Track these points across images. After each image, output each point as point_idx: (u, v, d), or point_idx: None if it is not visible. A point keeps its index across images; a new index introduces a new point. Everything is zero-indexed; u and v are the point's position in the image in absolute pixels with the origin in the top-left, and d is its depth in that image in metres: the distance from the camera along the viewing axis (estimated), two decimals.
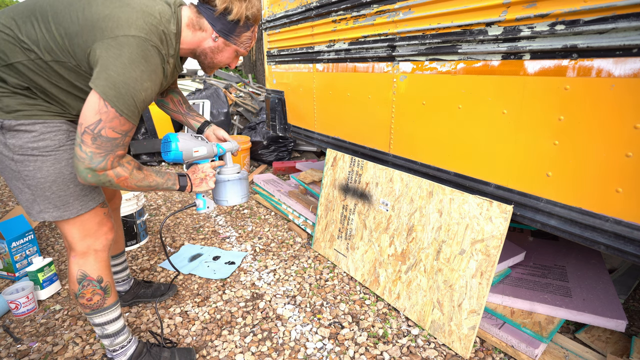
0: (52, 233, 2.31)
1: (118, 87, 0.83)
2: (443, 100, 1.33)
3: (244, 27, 1.01)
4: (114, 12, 0.84)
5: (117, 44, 0.82)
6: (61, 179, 0.96)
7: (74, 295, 1.08)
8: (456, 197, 1.33)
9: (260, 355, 1.33)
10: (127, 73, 0.83)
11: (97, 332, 1.14)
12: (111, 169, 0.89)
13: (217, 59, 1.07)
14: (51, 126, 0.93)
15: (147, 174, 0.99)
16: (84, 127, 0.84)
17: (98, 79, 0.83)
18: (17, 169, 0.92)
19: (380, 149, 1.72)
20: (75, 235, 1.04)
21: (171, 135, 1.09)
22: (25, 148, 0.90)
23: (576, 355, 1.24)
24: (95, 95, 0.83)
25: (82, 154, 0.85)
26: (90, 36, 0.84)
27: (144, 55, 0.86)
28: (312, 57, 2.07)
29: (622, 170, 0.90)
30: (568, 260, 1.65)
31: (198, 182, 1.13)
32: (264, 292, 1.70)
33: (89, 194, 1.03)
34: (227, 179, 1.19)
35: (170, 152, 1.08)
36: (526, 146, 1.10)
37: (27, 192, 0.95)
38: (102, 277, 1.10)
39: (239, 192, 1.21)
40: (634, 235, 0.90)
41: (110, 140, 0.86)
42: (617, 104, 0.88)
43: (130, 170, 0.94)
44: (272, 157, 3.78)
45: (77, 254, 1.05)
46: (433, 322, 1.40)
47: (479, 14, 1.12)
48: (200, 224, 2.45)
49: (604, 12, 0.86)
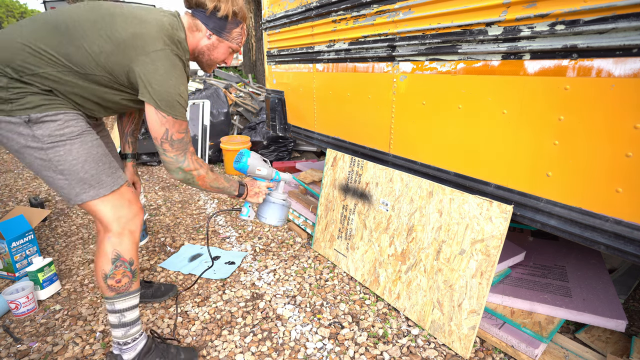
0: (52, 233, 2.31)
1: (165, 98, 1.00)
2: (443, 100, 1.33)
3: (233, 23, 1.14)
4: (138, 30, 0.99)
5: (150, 60, 0.98)
6: (91, 158, 1.03)
7: (103, 276, 1.08)
8: (456, 197, 1.33)
9: (260, 355, 1.33)
10: (165, 83, 1.00)
11: (112, 321, 1.12)
12: (194, 170, 1.11)
13: (213, 55, 1.18)
14: (72, 115, 1.02)
15: (217, 177, 1.20)
16: (160, 139, 1.04)
17: (147, 94, 1.00)
18: (48, 157, 0.98)
19: (380, 149, 1.72)
20: (110, 214, 1.07)
21: (246, 151, 1.34)
22: (53, 135, 0.97)
23: (576, 355, 1.24)
24: (151, 108, 1.01)
25: (169, 159, 1.07)
26: (126, 55, 0.99)
27: (172, 64, 1.02)
28: (312, 57, 2.07)
29: (622, 170, 0.90)
30: (568, 260, 1.65)
31: (252, 194, 1.35)
32: (264, 292, 1.70)
33: (117, 171, 1.10)
34: (273, 201, 1.40)
35: (240, 163, 1.32)
36: (526, 146, 1.10)
37: (61, 178, 1.00)
38: (133, 260, 1.12)
39: (278, 215, 1.40)
40: (634, 235, 0.90)
41: (181, 141, 1.07)
42: (617, 104, 0.88)
43: (206, 171, 1.15)
44: (272, 157, 3.79)
45: (113, 234, 1.08)
46: (433, 322, 1.40)
47: (479, 14, 1.12)
48: (200, 224, 2.46)
49: (604, 12, 0.86)
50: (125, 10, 1.02)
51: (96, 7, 1.02)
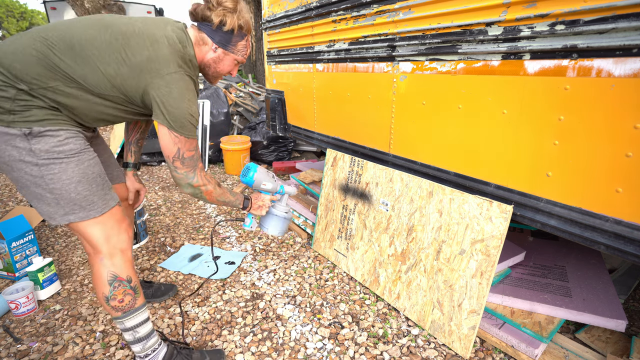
0: (52, 233, 2.31)
1: (178, 119, 1.03)
2: (443, 100, 1.33)
3: (239, 36, 1.14)
4: (152, 53, 1.00)
5: (165, 82, 1.01)
6: (85, 179, 1.01)
7: (105, 299, 1.06)
8: (456, 197, 1.33)
9: (260, 355, 1.33)
10: (179, 105, 1.03)
11: (127, 338, 1.11)
12: (202, 185, 1.14)
13: (219, 68, 1.19)
14: (73, 132, 1.01)
15: (224, 191, 1.24)
16: (172, 158, 1.07)
17: (161, 116, 1.02)
18: (41, 174, 0.95)
19: (380, 149, 1.72)
20: (100, 236, 1.05)
21: (252, 166, 1.38)
22: (51, 152, 0.95)
23: (576, 355, 1.24)
24: (164, 128, 1.04)
25: (179, 175, 1.10)
26: (141, 79, 1.01)
27: (185, 86, 1.05)
28: (312, 57, 2.07)
29: (622, 170, 0.90)
30: (568, 260, 1.65)
31: (256, 207, 1.39)
32: (264, 292, 1.70)
33: (109, 192, 1.08)
34: (275, 214, 1.44)
35: (246, 177, 1.37)
36: (526, 146, 1.10)
37: (49, 196, 0.97)
38: (131, 277, 1.10)
39: (279, 227, 1.45)
40: (634, 235, 0.90)
41: (191, 158, 1.10)
42: (617, 104, 0.88)
43: (213, 186, 1.18)
44: (272, 157, 3.78)
45: (104, 255, 1.06)
46: (433, 322, 1.40)
47: (479, 14, 1.12)
48: (200, 224, 2.46)
49: (604, 12, 0.86)
50: (137, 29, 1.02)
51: (108, 25, 1.01)
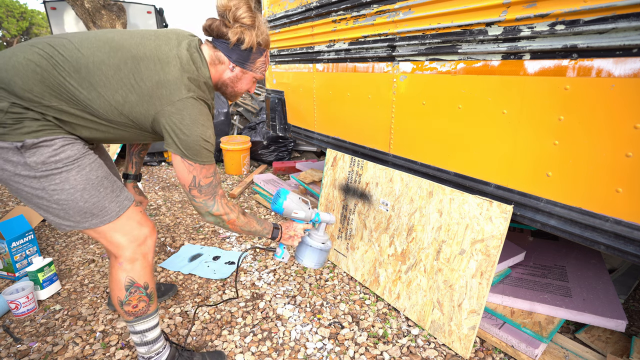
0: (52, 233, 2.31)
1: (191, 147, 0.97)
2: (443, 100, 1.33)
3: (257, 53, 1.08)
4: (162, 78, 0.94)
5: (176, 109, 0.95)
6: (90, 185, 0.95)
7: (119, 303, 1.04)
8: (456, 197, 1.33)
9: (260, 355, 1.32)
10: (193, 132, 0.97)
11: (135, 340, 1.11)
12: (224, 214, 1.09)
13: (237, 87, 1.14)
14: (69, 139, 0.94)
15: (249, 220, 1.19)
16: (188, 187, 1.03)
17: (173, 145, 0.97)
18: (42, 186, 0.90)
19: (380, 149, 1.72)
20: (120, 240, 1.01)
21: (283, 192, 1.29)
22: (47, 163, 0.89)
23: (576, 355, 1.24)
24: (177, 157, 0.99)
25: (198, 204, 1.05)
26: (150, 106, 0.95)
27: (199, 111, 0.98)
28: (312, 57, 2.07)
29: (622, 170, 0.90)
30: (568, 260, 1.65)
31: (287, 237, 1.33)
32: (264, 292, 1.70)
33: (121, 193, 1.02)
34: (310, 245, 1.34)
35: (276, 205, 1.29)
36: (526, 146, 1.10)
37: (56, 207, 0.93)
38: (148, 284, 1.07)
39: (315, 259, 1.35)
40: (634, 235, 0.90)
41: (209, 185, 1.05)
42: (617, 104, 0.88)
43: (237, 215, 1.13)
44: (272, 157, 3.79)
45: (125, 260, 1.02)
46: (433, 322, 1.40)
47: (479, 14, 1.12)
48: (200, 224, 2.46)
49: (604, 12, 0.86)
50: (147, 51, 0.95)
51: (118, 47, 0.94)
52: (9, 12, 23.05)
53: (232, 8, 0.99)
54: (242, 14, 1.00)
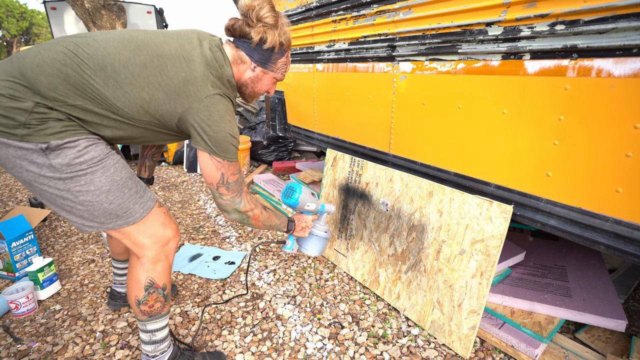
0: (52, 233, 2.31)
1: (219, 143, 0.98)
2: (443, 100, 1.33)
3: (279, 53, 1.09)
4: (189, 75, 0.94)
5: (204, 106, 0.95)
6: (115, 187, 0.95)
7: (136, 302, 1.05)
8: (456, 197, 1.33)
9: (260, 355, 1.33)
10: (220, 129, 0.97)
11: (144, 339, 1.11)
12: (250, 210, 1.11)
13: (257, 87, 1.14)
14: (92, 139, 0.94)
15: (270, 215, 1.22)
16: (216, 184, 1.03)
17: (202, 142, 0.97)
18: (67, 187, 0.90)
19: (380, 149, 1.72)
20: (144, 241, 1.01)
21: (296, 186, 1.31)
22: (72, 165, 0.89)
23: (576, 355, 1.24)
24: (205, 154, 0.99)
25: (225, 202, 1.06)
26: (177, 103, 0.95)
27: (225, 108, 0.99)
28: (312, 57, 2.07)
29: (622, 170, 0.90)
30: (568, 260, 1.65)
31: (299, 229, 1.38)
32: (264, 292, 1.70)
33: (145, 193, 1.02)
34: (316, 234, 1.42)
35: (291, 199, 1.31)
36: (526, 146, 1.10)
37: (80, 208, 0.93)
38: (166, 285, 1.08)
39: (318, 247, 1.44)
40: (634, 235, 0.90)
41: (236, 182, 1.05)
42: (617, 104, 0.88)
43: (260, 210, 1.15)
44: (272, 157, 3.79)
45: (147, 260, 1.02)
46: (433, 322, 1.40)
47: (479, 14, 1.12)
48: (200, 224, 2.46)
49: (604, 12, 0.86)
50: (172, 49, 0.95)
51: (143, 46, 0.94)
52: (9, 12, 23.05)
53: (256, 7, 0.99)
54: (265, 13, 1.00)
